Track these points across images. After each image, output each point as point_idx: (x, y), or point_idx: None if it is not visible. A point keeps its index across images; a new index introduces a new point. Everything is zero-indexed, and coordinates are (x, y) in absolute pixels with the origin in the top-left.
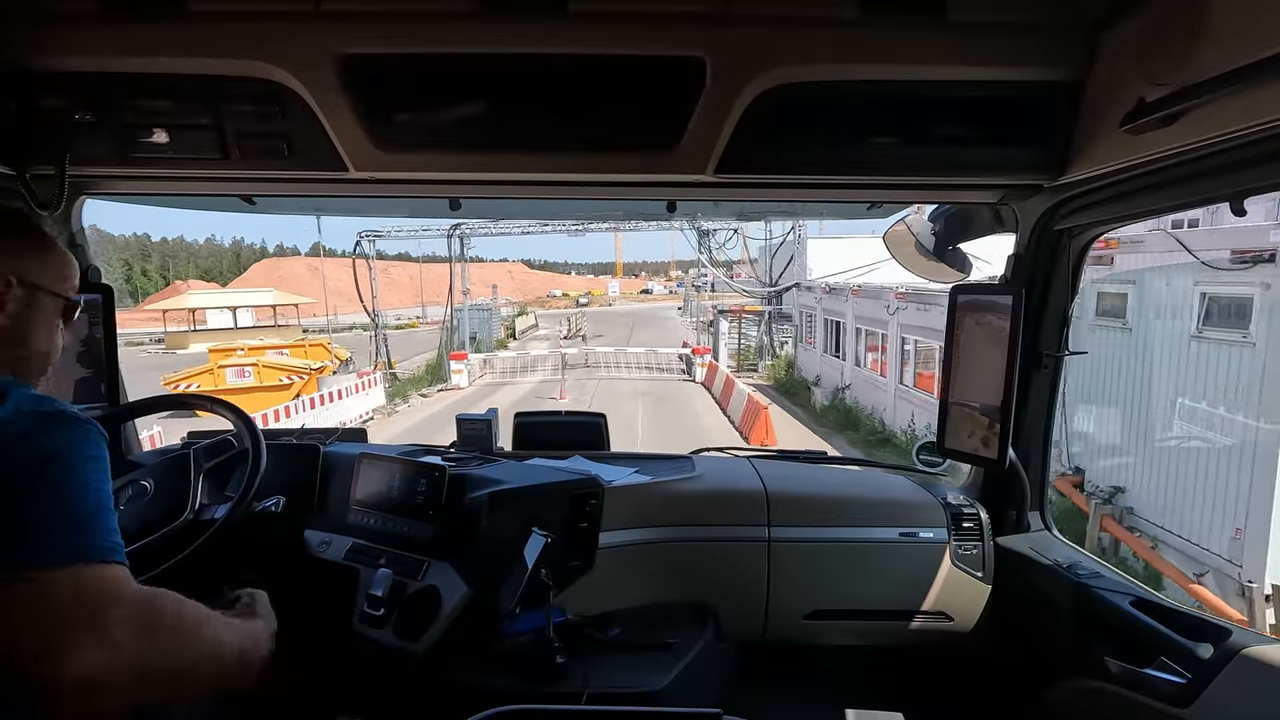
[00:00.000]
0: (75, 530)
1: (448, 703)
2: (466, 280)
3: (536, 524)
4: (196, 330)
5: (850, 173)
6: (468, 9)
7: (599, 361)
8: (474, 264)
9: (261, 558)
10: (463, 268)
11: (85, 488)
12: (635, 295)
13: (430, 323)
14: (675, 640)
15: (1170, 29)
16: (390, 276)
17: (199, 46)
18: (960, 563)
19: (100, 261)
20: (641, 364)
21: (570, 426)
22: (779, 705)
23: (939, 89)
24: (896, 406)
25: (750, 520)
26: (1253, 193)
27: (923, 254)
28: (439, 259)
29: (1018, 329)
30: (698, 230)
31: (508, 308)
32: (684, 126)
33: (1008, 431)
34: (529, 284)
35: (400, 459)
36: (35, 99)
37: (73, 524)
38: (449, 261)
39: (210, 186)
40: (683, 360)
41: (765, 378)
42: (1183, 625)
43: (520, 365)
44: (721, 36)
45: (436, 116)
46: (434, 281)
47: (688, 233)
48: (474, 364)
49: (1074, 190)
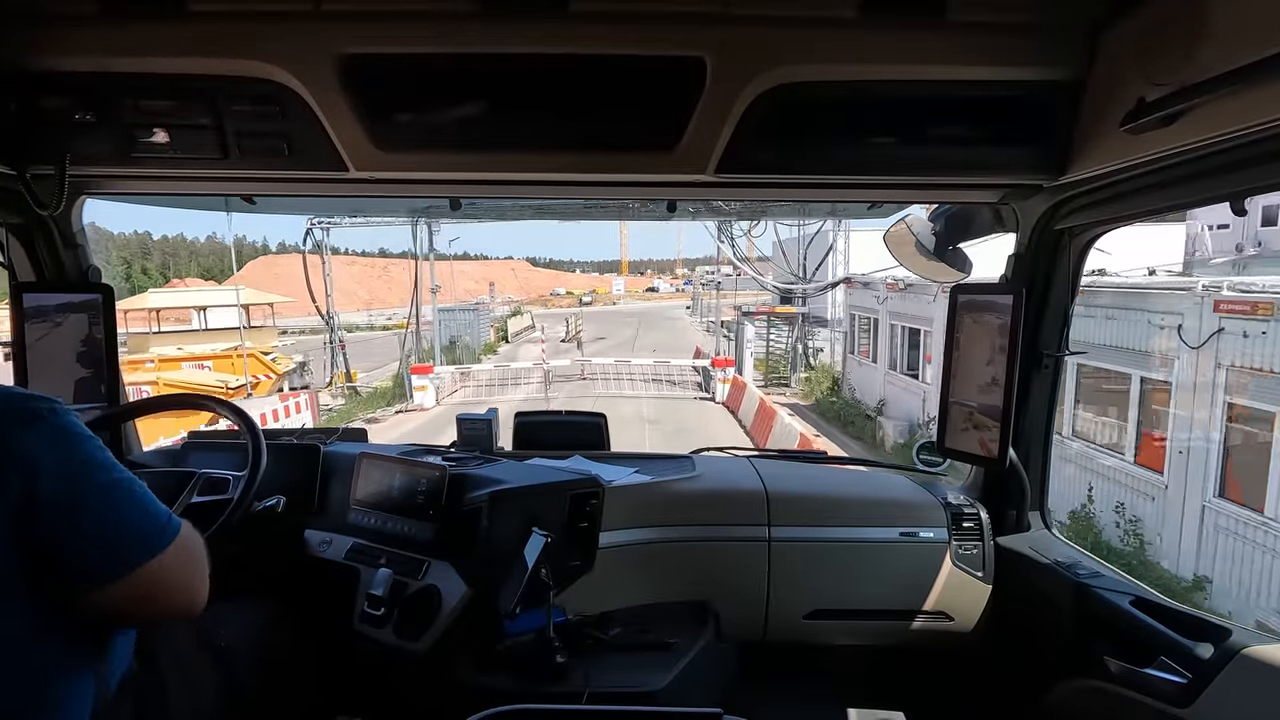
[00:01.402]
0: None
1: (448, 702)
2: (435, 276)
3: (537, 524)
4: (160, 332)
5: (850, 172)
6: (468, 9)
7: (597, 373)
8: (476, 261)
9: (262, 558)
10: (430, 262)
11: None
12: (641, 293)
13: (425, 323)
14: (675, 640)
15: (1170, 29)
16: (390, 275)
17: (199, 46)
18: (960, 562)
19: (99, 260)
20: (649, 376)
21: (570, 426)
22: (779, 705)
23: (939, 89)
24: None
25: (750, 520)
26: (1253, 192)
27: (923, 254)
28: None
29: (1018, 329)
30: (719, 221)
31: (506, 306)
32: (684, 126)
33: (1008, 431)
34: (532, 282)
35: (401, 459)
36: (35, 99)
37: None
38: (456, 259)
39: (210, 186)
40: (700, 374)
41: (800, 395)
42: (1183, 625)
43: (502, 379)
44: (721, 36)
45: (437, 116)
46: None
47: (708, 225)
48: (444, 378)
49: (1074, 190)
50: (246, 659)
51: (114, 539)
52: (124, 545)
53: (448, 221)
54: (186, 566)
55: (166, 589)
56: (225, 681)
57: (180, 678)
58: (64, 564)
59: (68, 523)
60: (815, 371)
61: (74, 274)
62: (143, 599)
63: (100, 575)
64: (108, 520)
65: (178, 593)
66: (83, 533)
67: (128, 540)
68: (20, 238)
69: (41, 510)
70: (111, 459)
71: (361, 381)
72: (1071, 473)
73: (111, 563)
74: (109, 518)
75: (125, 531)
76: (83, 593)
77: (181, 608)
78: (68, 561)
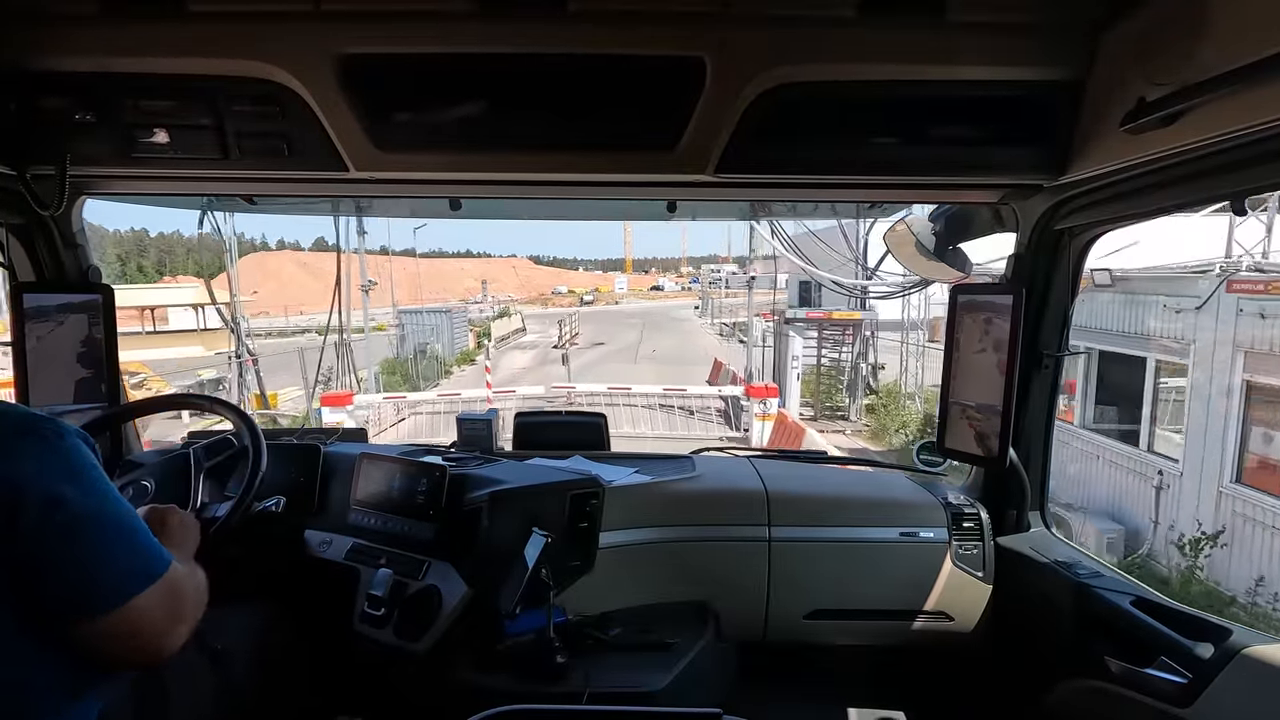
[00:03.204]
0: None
1: (448, 703)
2: (366, 272)
3: (537, 524)
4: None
5: (850, 172)
6: (467, 9)
7: (585, 406)
8: (478, 260)
9: (262, 558)
10: (360, 257)
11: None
12: (645, 292)
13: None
14: (675, 640)
15: (1170, 29)
16: (387, 273)
17: (199, 46)
18: (960, 563)
19: (96, 258)
20: (655, 402)
21: (570, 426)
22: (779, 705)
23: (939, 89)
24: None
25: (750, 520)
26: (1253, 192)
27: (923, 254)
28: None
29: (1018, 329)
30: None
31: (501, 306)
32: (684, 126)
33: (1008, 431)
34: (534, 280)
35: (401, 459)
36: (35, 99)
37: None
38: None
39: (210, 186)
40: (728, 404)
41: (868, 435)
42: (1183, 625)
43: (450, 410)
44: (721, 36)
45: (436, 116)
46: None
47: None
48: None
49: (1074, 190)
50: (246, 660)
51: (93, 575)
52: (102, 583)
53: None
54: (160, 613)
55: (135, 635)
56: (225, 683)
57: (180, 679)
58: (41, 593)
59: (52, 548)
60: (885, 398)
61: (74, 274)
62: (112, 641)
63: (75, 610)
64: (89, 555)
65: (143, 641)
66: (60, 564)
67: (107, 578)
68: (20, 238)
69: (27, 532)
70: (109, 490)
71: (291, 404)
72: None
73: (87, 599)
74: (91, 552)
75: (106, 570)
76: (72, 624)
77: (148, 655)
78: (44, 591)
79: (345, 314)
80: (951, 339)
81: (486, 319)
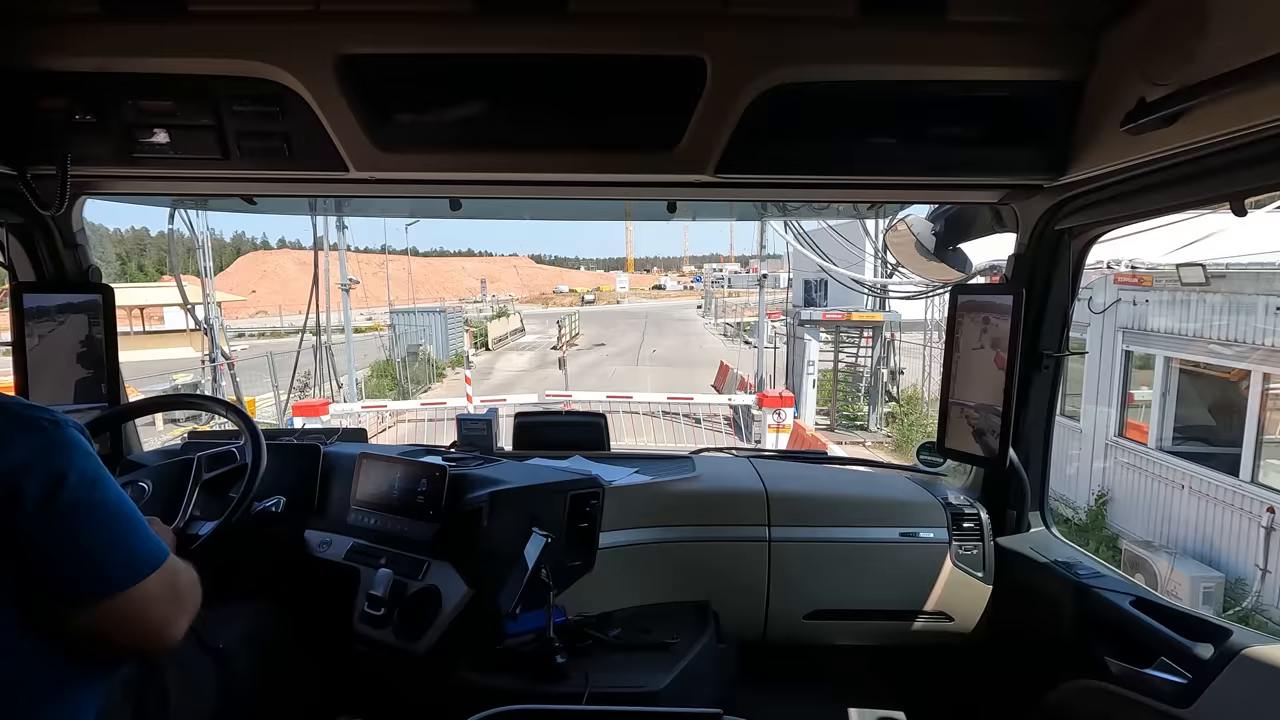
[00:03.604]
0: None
1: (449, 703)
2: (345, 270)
3: (537, 524)
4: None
5: (850, 173)
6: (467, 9)
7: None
8: (479, 259)
9: (262, 558)
10: (341, 253)
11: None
12: (647, 291)
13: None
14: (675, 640)
15: (1170, 29)
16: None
17: (199, 46)
18: (961, 563)
19: (96, 258)
20: (659, 411)
21: (571, 426)
22: (779, 705)
23: (939, 89)
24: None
25: (751, 520)
26: (1253, 193)
27: (923, 254)
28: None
29: (1018, 329)
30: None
31: (499, 306)
32: (684, 127)
33: (1008, 431)
34: (535, 279)
35: (401, 459)
36: (36, 99)
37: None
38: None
39: (211, 186)
40: (739, 414)
41: (888, 446)
42: (1183, 625)
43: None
44: (721, 36)
45: (437, 116)
46: (434, 276)
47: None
48: (352, 419)
49: (1074, 190)
50: (247, 660)
51: (98, 559)
52: (107, 567)
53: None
54: (164, 600)
55: (141, 619)
56: (225, 683)
57: (180, 679)
58: (44, 579)
59: (56, 533)
60: (905, 405)
61: (74, 274)
62: (118, 626)
63: (79, 596)
64: (91, 540)
65: (150, 627)
66: (62, 549)
67: (112, 562)
68: (20, 238)
69: (29, 518)
70: (108, 479)
71: (273, 410)
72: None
73: (91, 583)
74: (93, 537)
75: (109, 553)
76: (68, 613)
77: (153, 641)
78: (47, 577)
79: (327, 314)
80: (952, 339)
81: (484, 319)
